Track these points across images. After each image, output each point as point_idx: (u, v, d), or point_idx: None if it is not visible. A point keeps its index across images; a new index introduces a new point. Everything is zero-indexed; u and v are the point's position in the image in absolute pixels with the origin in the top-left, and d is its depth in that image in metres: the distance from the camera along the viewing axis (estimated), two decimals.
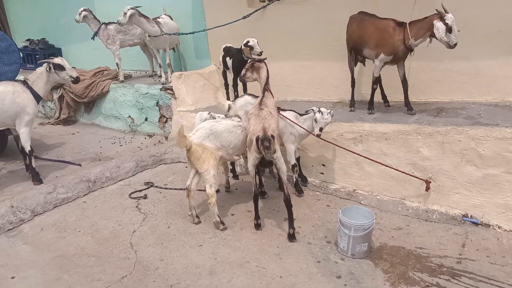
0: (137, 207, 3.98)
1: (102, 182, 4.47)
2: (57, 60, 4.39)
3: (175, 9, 6.31)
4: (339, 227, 3.06)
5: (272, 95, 3.49)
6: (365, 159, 3.75)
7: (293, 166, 3.94)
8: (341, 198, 3.99)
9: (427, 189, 3.58)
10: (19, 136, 4.33)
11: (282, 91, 5.39)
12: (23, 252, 3.28)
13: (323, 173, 4.23)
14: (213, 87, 5.99)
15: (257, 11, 5.18)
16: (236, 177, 4.53)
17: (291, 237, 3.26)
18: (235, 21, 5.13)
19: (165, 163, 5.14)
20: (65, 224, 3.69)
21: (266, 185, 4.17)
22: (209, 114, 3.96)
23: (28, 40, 8.71)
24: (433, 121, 3.68)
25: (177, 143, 3.30)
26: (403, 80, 3.97)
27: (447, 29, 3.40)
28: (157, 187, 4.42)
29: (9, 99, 4.12)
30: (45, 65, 4.32)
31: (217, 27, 5.28)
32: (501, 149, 3.23)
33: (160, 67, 6.09)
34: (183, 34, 5.83)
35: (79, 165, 4.87)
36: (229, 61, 4.76)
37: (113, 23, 6.06)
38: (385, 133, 3.75)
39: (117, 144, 5.84)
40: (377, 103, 4.48)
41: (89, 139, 6.09)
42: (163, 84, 5.94)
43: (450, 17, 3.41)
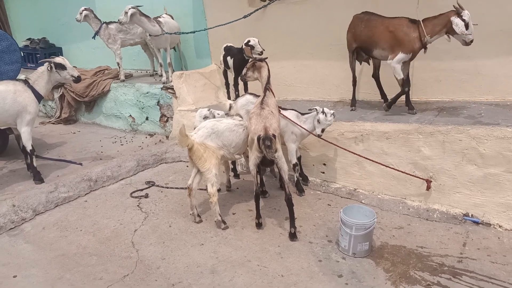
0: (138, 206, 3.99)
1: (103, 181, 4.47)
2: (59, 59, 4.39)
3: (176, 8, 6.32)
4: (340, 226, 3.07)
5: (273, 95, 3.49)
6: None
7: (294, 165, 3.94)
8: (342, 197, 4.00)
9: (428, 188, 3.58)
10: (20, 135, 4.34)
11: (283, 90, 5.39)
12: (25, 251, 3.28)
13: (324, 172, 4.24)
14: (214, 86, 6.00)
15: (258, 10, 5.18)
16: (237, 176, 4.54)
17: (292, 236, 3.26)
18: (236, 21, 5.13)
19: (166, 162, 5.15)
20: (66, 223, 3.70)
21: (267, 184, 4.17)
22: (208, 110, 3.95)
23: (28, 39, 8.71)
24: (434, 121, 3.68)
25: (178, 142, 3.30)
26: (406, 79, 3.94)
27: (465, 25, 3.40)
28: (158, 186, 4.42)
29: (10, 98, 4.12)
30: (47, 64, 4.32)
31: (218, 27, 5.28)
32: (502, 148, 3.23)
33: (161, 66, 6.10)
34: (184, 33, 5.83)
35: (80, 164, 4.87)
36: (230, 61, 4.76)
37: (114, 23, 6.07)
38: (386, 132, 3.76)
39: (118, 143, 5.84)
40: (377, 102, 4.49)
41: (90, 138, 6.09)
42: (164, 83, 5.94)
43: (466, 13, 3.40)
